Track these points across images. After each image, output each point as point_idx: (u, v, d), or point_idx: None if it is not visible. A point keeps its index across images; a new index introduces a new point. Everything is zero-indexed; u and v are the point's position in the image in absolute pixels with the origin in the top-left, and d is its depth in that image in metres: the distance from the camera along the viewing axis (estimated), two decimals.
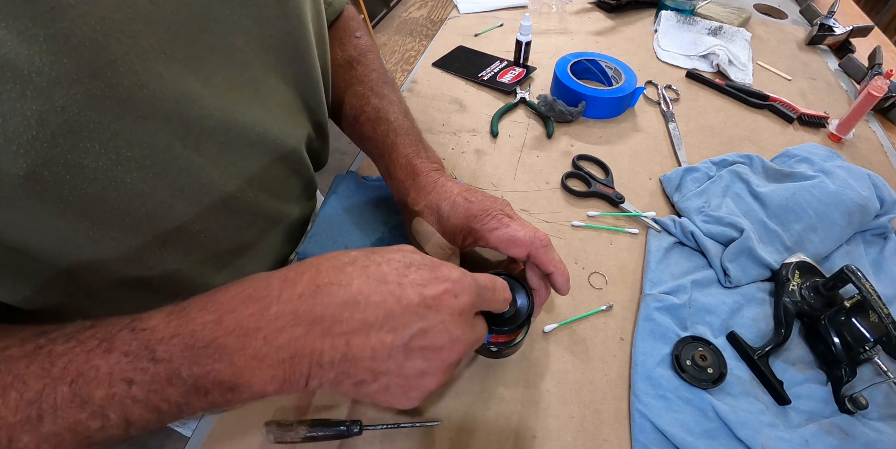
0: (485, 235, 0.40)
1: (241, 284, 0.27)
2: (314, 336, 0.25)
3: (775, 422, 0.41)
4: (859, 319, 0.44)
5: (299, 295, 0.26)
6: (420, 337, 0.26)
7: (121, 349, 0.24)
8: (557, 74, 0.72)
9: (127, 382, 0.24)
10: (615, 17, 0.97)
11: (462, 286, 0.28)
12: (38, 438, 0.23)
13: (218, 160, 0.36)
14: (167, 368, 0.24)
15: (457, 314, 0.27)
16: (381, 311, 0.26)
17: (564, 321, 0.48)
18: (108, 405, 0.24)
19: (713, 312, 0.48)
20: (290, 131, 0.43)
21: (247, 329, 0.25)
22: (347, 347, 0.26)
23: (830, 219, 0.52)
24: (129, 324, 0.25)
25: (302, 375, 0.26)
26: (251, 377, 0.25)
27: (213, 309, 0.25)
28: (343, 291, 0.26)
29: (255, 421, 0.40)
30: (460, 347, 0.28)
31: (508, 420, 0.41)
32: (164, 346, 0.24)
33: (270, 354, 0.25)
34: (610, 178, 0.62)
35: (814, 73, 0.84)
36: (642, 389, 0.43)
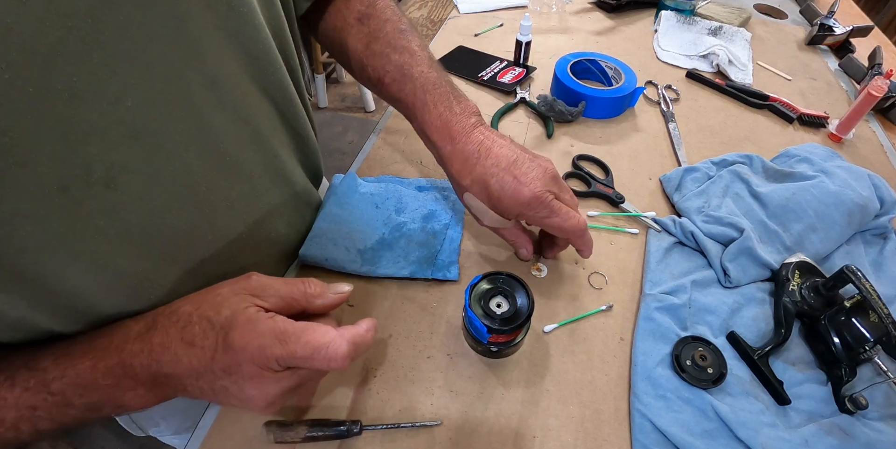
0: (537, 221, 0.43)
1: (108, 333, 0.33)
2: (161, 379, 0.32)
3: (775, 422, 0.41)
4: (859, 319, 0.44)
5: (141, 351, 0.32)
6: (223, 391, 0.32)
7: (21, 385, 0.30)
8: (557, 74, 0.72)
9: (31, 408, 0.30)
10: (615, 17, 0.97)
11: (244, 357, 0.30)
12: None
13: (152, 194, 0.31)
14: (62, 398, 0.30)
15: (247, 379, 0.31)
16: (190, 369, 0.32)
17: (564, 321, 0.48)
18: (19, 422, 0.30)
19: (713, 312, 0.48)
20: (259, 146, 0.40)
21: (116, 375, 0.32)
22: (184, 386, 0.33)
23: (830, 219, 0.52)
24: (26, 364, 0.31)
25: (169, 396, 0.34)
26: (131, 400, 0.33)
27: (91, 356, 0.31)
28: (167, 353, 0.32)
29: (255, 421, 0.40)
30: (261, 399, 0.32)
31: (508, 420, 0.41)
32: (57, 383, 0.30)
33: (139, 387, 0.32)
34: (610, 179, 0.62)
35: (814, 73, 0.84)
36: (642, 389, 0.43)
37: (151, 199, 0.31)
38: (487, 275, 0.42)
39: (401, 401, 0.42)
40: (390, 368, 0.44)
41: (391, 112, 0.72)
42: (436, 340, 0.46)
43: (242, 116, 0.37)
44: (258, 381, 0.31)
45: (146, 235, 0.32)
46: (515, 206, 0.42)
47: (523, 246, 0.48)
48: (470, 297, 0.41)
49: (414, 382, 0.43)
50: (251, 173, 0.40)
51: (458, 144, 0.43)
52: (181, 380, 0.32)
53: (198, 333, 0.32)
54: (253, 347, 0.30)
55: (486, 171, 0.42)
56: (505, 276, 0.42)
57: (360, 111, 2.37)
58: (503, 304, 0.41)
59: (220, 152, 0.35)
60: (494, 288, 0.42)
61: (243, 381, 0.31)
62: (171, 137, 0.31)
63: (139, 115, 0.29)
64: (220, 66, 0.33)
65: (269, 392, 0.32)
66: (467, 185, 0.43)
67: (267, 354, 0.30)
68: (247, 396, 0.32)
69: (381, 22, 0.49)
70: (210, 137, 0.34)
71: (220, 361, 0.31)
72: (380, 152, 0.65)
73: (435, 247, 0.51)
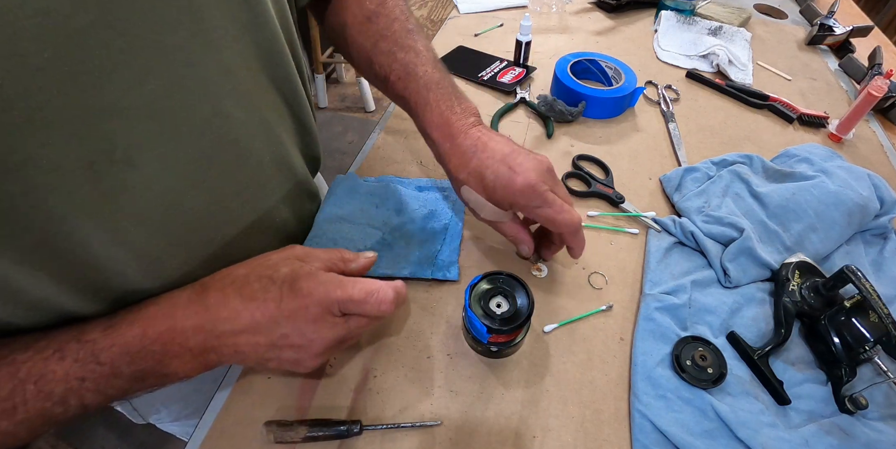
0: (530, 211, 0.43)
1: (155, 302, 0.35)
2: (213, 340, 0.34)
3: (775, 422, 0.41)
4: (859, 319, 0.44)
5: (197, 314, 0.34)
6: (282, 339, 0.34)
7: (72, 357, 0.31)
8: (557, 74, 0.72)
9: (80, 379, 0.31)
10: (615, 17, 0.97)
11: (312, 300, 0.34)
12: (14, 424, 0.30)
13: (167, 172, 0.33)
14: (111, 368, 0.32)
15: (310, 322, 0.34)
16: (251, 321, 0.34)
17: (564, 321, 0.48)
18: (67, 396, 0.31)
19: (713, 312, 0.48)
20: (266, 136, 0.41)
21: (165, 340, 0.33)
22: (236, 345, 0.34)
23: (830, 219, 0.52)
24: (76, 336, 0.32)
25: (213, 362, 0.35)
26: (176, 368, 0.34)
27: (139, 324, 0.33)
28: (224, 309, 0.34)
29: (255, 421, 0.40)
30: (319, 343, 0.35)
31: (508, 420, 0.41)
32: (106, 353, 0.32)
33: (185, 354, 0.34)
34: (610, 178, 0.62)
35: (814, 73, 0.84)
36: (642, 389, 0.43)
37: (168, 181, 0.33)
38: (487, 275, 0.42)
39: (401, 401, 0.42)
40: (390, 368, 0.44)
41: (391, 112, 0.72)
42: (436, 340, 0.46)
43: (253, 105, 0.38)
44: (320, 324, 0.34)
45: (162, 215, 0.34)
46: (509, 194, 0.42)
47: (523, 242, 0.48)
48: (470, 297, 0.41)
49: (414, 382, 0.43)
50: (260, 161, 0.41)
51: (457, 140, 0.44)
52: (235, 338, 0.34)
53: (258, 289, 0.35)
54: (319, 292, 0.34)
55: (482, 163, 0.43)
56: (505, 276, 0.42)
57: (360, 111, 2.37)
58: (503, 304, 0.41)
59: (231, 139, 0.37)
60: (494, 288, 0.42)
61: (306, 324, 0.34)
62: (188, 122, 0.32)
63: (158, 99, 0.30)
64: (233, 56, 0.35)
65: (327, 337, 0.35)
66: (464, 178, 0.44)
67: (331, 296, 0.34)
68: (307, 340, 0.34)
69: (389, 21, 0.49)
70: (223, 124, 0.35)
71: (287, 307, 0.34)
72: (380, 152, 0.65)
73: (435, 247, 0.51)
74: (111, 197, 0.30)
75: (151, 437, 1.28)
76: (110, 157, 0.28)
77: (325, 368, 0.44)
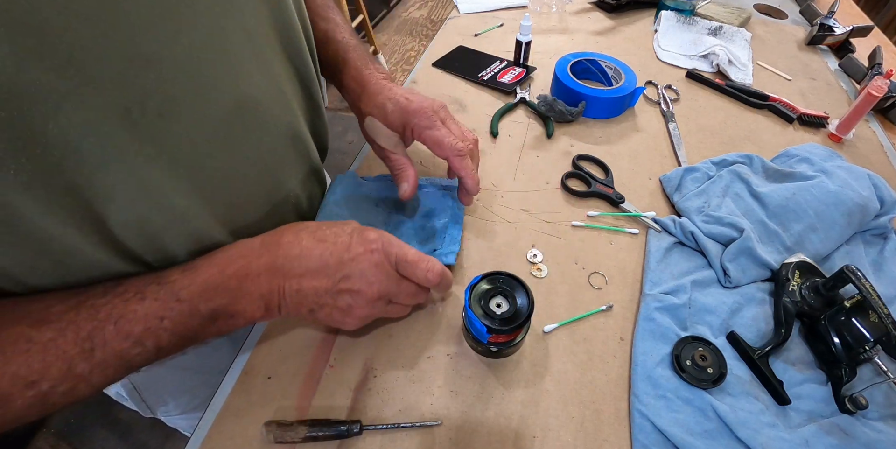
0: (418, 132, 0.48)
1: (232, 247, 0.38)
2: (280, 279, 0.37)
3: (775, 422, 0.41)
4: (859, 319, 0.44)
5: (270, 252, 0.37)
6: (344, 281, 0.37)
7: (152, 296, 0.33)
8: (557, 74, 0.72)
9: (159, 318, 0.33)
10: (615, 17, 0.97)
11: (377, 246, 0.38)
12: (91, 365, 0.31)
13: (194, 131, 0.34)
14: (189, 305, 0.34)
15: (373, 266, 0.38)
16: (320, 262, 0.37)
17: (564, 321, 0.48)
18: (145, 336, 0.33)
19: (713, 312, 0.48)
20: (283, 108, 0.42)
21: (240, 276, 0.36)
22: (299, 285, 0.37)
23: (830, 219, 0.52)
24: (155, 279, 0.34)
25: (275, 304, 0.37)
26: (245, 307, 0.36)
27: (217, 264, 0.36)
28: (297, 248, 0.37)
29: (255, 421, 0.40)
30: (375, 289, 0.38)
31: (508, 420, 0.41)
32: (185, 290, 0.34)
33: (255, 291, 0.36)
34: (610, 179, 0.62)
35: (814, 73, 0.84)
36: (642, 389, 0.43)
37: (195, 136, 0.34)
38: (487, 275, 0.42)
39: (401, 401, 0.42)
40: (390, 368, 0.44)
41: None
42: (436, 340, 0.46)
43: (272, 73, 0.40)
44: (380, 269, 0.38)
45: (188, 170, 0.35)
46: (403, 115, 0.47)
47: (407, 178, 0.49)
48: (470, 297, 0.41)
49: (414, 382, 0.43)
50: (277, 129, 0.42)
51: (369, 87, 0.50)
52: (300, 279, 0.37)
53: (329, 235, 0.38)
54: (384, 242, 0.38)
55: (386, 97, 0.49)
56: (505, 276, 0.42)
57: None
58: (503, 304, 0.41)
59: (253, 102, 0.38)
60: (494, 288, 0.42)
61: (368, 267, 0.37)
62: (215, 80, 0.34)
63: (190, 55, 0.31)
64: (254, 23, 0.37)
65: (383, 282, 0.38)
66: (368, 110, 0.49)
67: (392, 249, 0.38)
68: (366, 283, 0.37)
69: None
70: (246, 88, 0.37)
71: (355, 251, 0.37)
72: None
73: (434, 245, 0.51)
74: (142, 147, 0.31)
75: (152, 437, 1.28)
76: (144, 106, 0.30)
77: (325, 368, 0.44)
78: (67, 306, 0.32)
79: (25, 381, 0.29)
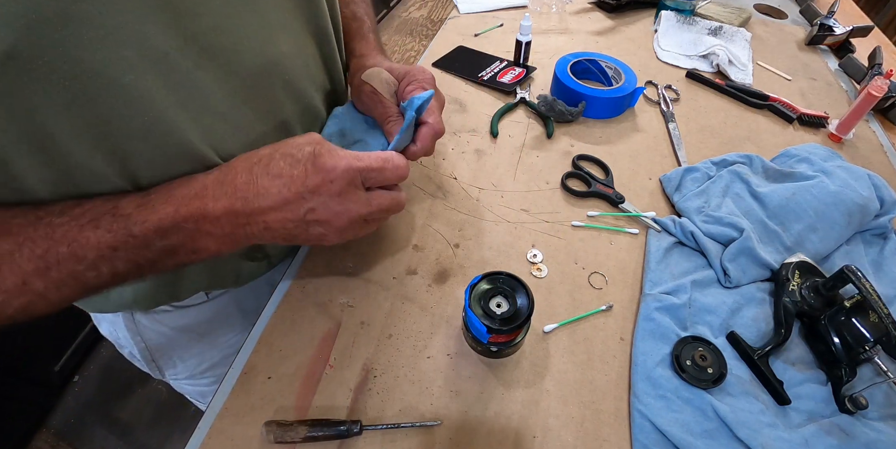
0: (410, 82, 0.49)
1: (187, 183, 0.36)
2: (243, 219, 0.36)
3: (775, 422, 0.41)
4: (859, 319, 0.44)
5: (227, 195, 0.35)
6: (310, 213, 0.36)
7: (105, 228, 0.33)
8: (557, 74, 0.72)
9: (112, 248, 0.33)
10: (615, 17, 0.97)
11: (336, 174, 0.36)
12: (47, 282, 0.31)
13: (222, 84, 0.36)
14: (143, 240, 0.34)
15: (335, 194, 0.36)
16: (279, 198, 0.35)
17: (564, 321, 0.48)
18: (99, 262, 0.33)
19: (713, 312, 0.48)
20: (305, 74, 0.44)
21: (197, 218, 0.35)
22: (266, 223, 0.36)
23: (830, 219, 0.52)
24: (111, 209, 0.33)
25: (242, 238, 0.37)
26: (207, 244, 0.36)
27: (172, 202, 0.35)
28: (253, 187, 0.35)
29: (255, 421, 0.40)
30: (345, 217, 0.37)
31: (508, 420, 0.41)
32: (139, 227, 0.33)
33: (216, 231, 0.36)
34: (610, 179, 0.62)
35: (814, 73, 0.84)
36: (642, 389, 0.43)
37: (222, 89, 0.36)
38: (487, 275, 0.42)
39: (401, 401, 0.42)
40: (390, 368, 0.44)
41: None
42: (436, 340, 0.46)
43: (300, 45, 0.43)
44: (344, 197, 0.36)
45: (211, 119, 0.37)
46: (405, 70, 0.49)
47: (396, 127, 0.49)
48: (470, 297, 0.41)
49: (414, 382, 0.43)
50: (295, 93, 0.44)
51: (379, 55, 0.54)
52: (264, 215, 0.36)
53: (284, 167, 0.36)
54: (341, 165, 0.36)
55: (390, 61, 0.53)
56: (505, 276, 0.42)
57: None
58: (503, 304, 0.41)
59: (279, 65, 0.40)
60: (494, 288, 0.42)
61: (331, 198, 0.36)
62: (246, 40, 0.37)
63: (226, 12, 0.34)
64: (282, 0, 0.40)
65: (351, 210, 0.37)
66: (373, 62, 0.51)
67: (353, 167, 0.36)
68: (333, 213, 0.36)
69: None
70: (272, 50, 0.39)
71: (311, 181, 0.35)
72: None
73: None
74: (173, 92, 0.33)
75: (152, 437, 1.28)
76: (183, 53, 0.32)
77: (325, 368, 0.44)
78: (27, 221, 0.32)
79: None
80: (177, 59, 0.32)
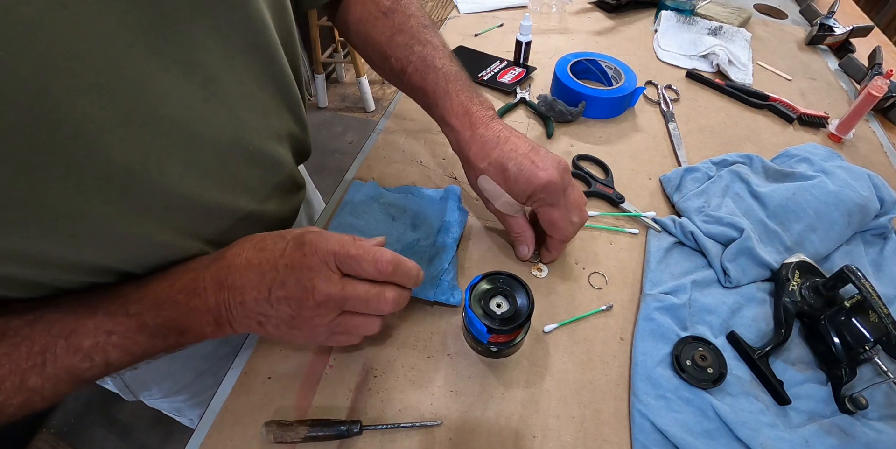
0: (543, 207, 0.45)
1: (185, 264, 0.38)
2: (225, 292, 0.36)
3: (775, 422, 0.41)
4: (859, 319, 0.44)
5: (216, 265, 0.36)
6: (279, 288, 0.35)
7: (103, 311, 0.34)
8: (557, 74, 0.72)
9: (108, 333, 0.34)
10: (615, 17, 0.97)
11: (312, 249, 0.35)
12: (43, 379, 0.32)
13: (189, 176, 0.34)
14: (138, 320, 0.34)
15: (307, 270, 0.35)
16: (258, 271, 0.35)
17: (564, 321, 0.48)
18: (93, 351, 0.33)
19: (713, 312, 0.48)
20: (270, 135, 0.42)
21: (188, 290, 0.36)
22: (242, 298, 0.35)
23: (830, 219, 0.52)
24: (110, 293, 0.35)
25: (224, 318, 0.36)
26: (194, 322, 0.36)
27: (168, 277, 0.36)
28: (239, 259, 0.36)
29: (255, 421, 0.40)
30: (312, 295, 0.34)
31: (508, 420, 0.41)
32: (136, 305, 0.35)
33: (201, 306, 0.36)
34: (610, 178, 0.62)
35: (814, 73, 0.84)
36: (642, 389, 0.43)
37: (188, 181, 0.34)
38: (487, 275, 0.42)
39: (401, 401, 0.42)
40: (390, 368, 0.44)
41: (391, 112, 0.72)
42: (436, 340, 0.46)
43: (260, 108, 0.40)
44: (315, 272, 0.35)
45: (179, 212, 0.35)
46: (530, 187, 0.44)
47: (527, 239, 0.49)
48: (470, 297, 0.41)
49: (414, 382, 0.43)
50: (264, 160, 0.42)
51: (479, 130, 0.46)
52: (243, 290, 0.35)
53: (269, 243, 0.37)
54: (320, 245, 0.35)
55: (505, 155, 0.44)
56: (505, 276, 0.42)
57: (360, 111, 2.37)
58: (503, 304, 0.41)
59: (242, 143, 0.38)
60: (494, 288, 0.42)
61: (301, 271, 0.35)
62: (209, 129, 0.35)
63: (186, 111, 0.32)
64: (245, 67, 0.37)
65: (321, 289, 0.35)
66: (484, 167, 0.45)
67: (329, 248, 0.35)
68: (301, 288, 0.34)
69: (405, 16, 0.51)
70: (236, 130, 0.37)
71: (288, 255, 0.35)
72: (380, 152, 0.65)
73: (442, 265, 0.48)
74: (141, 202, 0.32)
75: (152, 437, 1.28)
76: (145, 166, 0.30)
77: (325, 368, 0.44)
78: (24, 321, 0.32)
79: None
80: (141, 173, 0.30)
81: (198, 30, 0.32)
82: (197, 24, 0.31)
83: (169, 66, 0.30)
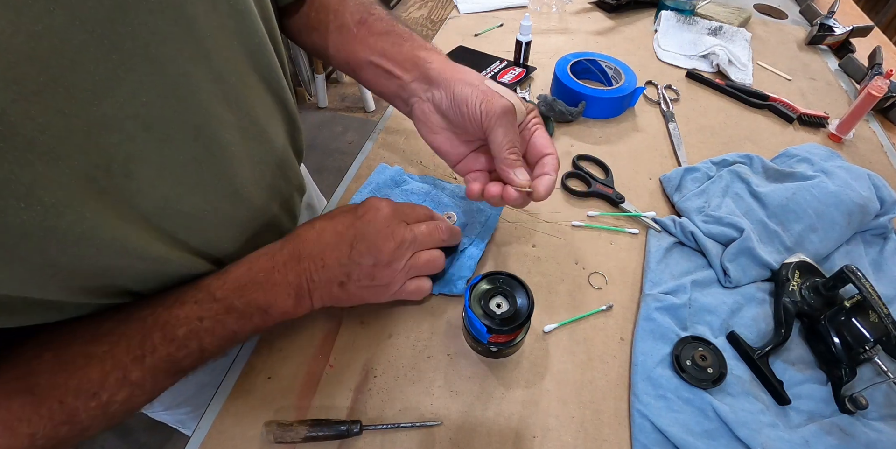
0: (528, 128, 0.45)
1: (259, 250, 0.41)
2: (305, 263, 0.39)
3: (775, 422, 0.41)
4: (859, 319, 0.44)
5: (291, 243, 0.40)
6: (360, 241, 0.39)
7: (192, 300, 0.36)
8: (557, 74, 0.72)
9: (199, 318, 0.36)
10: (615, 17, 0.97)
11: (384, 205, 0.41)
12: (144, 371, 0.34)
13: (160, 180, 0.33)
14: (225, 303, 0.37)
15: (381, 220, 0.40)
16: (334, 234, 0.40)
17: (564, 321, 0.48)
18: (188, 338, 0.35)
19: (713, 312, 0.48)
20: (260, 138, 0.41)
21: (267, 269, 0.39)
22: (322, 261, 0.39)
23: (830, 219, 0.52)
24: (193, 285, 0.37)
25: (305, 290, 0.39)
26: (276, 298, 0.38)
27: (245, 262, 0.39)
28: (313, 232, 0.41)
29: (255, 421, 0.40)
30: (396, 236, 0.40)
31: (508, 420, 0.41)
32: (220, 290, 0.37)
33: (282, 280, 0.39)
34: (610, 179, 0.62)
35: (814, 73, 0.84)
36: (642, 389, 0.43)
37: (161, 186, 0.33)
38: (487, 275, 0.42)
39: (401, 401, 0.42)
40: (390, 368, 0.44)
41: (391, 112, 0.72)
42: (436, 340, 0.46)
43: (244, 108, 0.39)
44: (390, 222, 0.41)
45: (160, 220, 0.34)
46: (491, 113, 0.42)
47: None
48: (470, 297, 0.41)
49: (414, 382, 0.43)
50: (252, 164, 0.41)
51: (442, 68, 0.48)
52: (322, 254, 0.39)
53: (338, 213, 0.42)
54: (383, 204, 0.41)
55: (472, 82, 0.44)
56: (505, 276, 0.42)
57: (360, 111, 2.37)
58: (503, 304, 0.41)
59: (223, 143, 0.37)
60: (494, 288, 0.42)
61: (379, 223, 0.40)
62: (181, 129, 0.33)
63: (152, 110, 0.30)
64: (223, 63, 0.35)
65: (400, 231, 0.41)
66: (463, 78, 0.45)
67: (391, 204, 0.42)
68: (382, 235, 0.40)
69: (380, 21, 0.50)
70: (216, 129, 0.36)
71: (361, 210, 0.41)
72: (380, 152, 0.65)
73: (450, 262, 0.49)
74: (115, 209, 0.30)
75: (151, 437, 1.28)
76: (108, 170, 0.28)
77: (325, 368, 0.44)
78: (116, 321, 0.34)
79: (87, 393, 0.31)
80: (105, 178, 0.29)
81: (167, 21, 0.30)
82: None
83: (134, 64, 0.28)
